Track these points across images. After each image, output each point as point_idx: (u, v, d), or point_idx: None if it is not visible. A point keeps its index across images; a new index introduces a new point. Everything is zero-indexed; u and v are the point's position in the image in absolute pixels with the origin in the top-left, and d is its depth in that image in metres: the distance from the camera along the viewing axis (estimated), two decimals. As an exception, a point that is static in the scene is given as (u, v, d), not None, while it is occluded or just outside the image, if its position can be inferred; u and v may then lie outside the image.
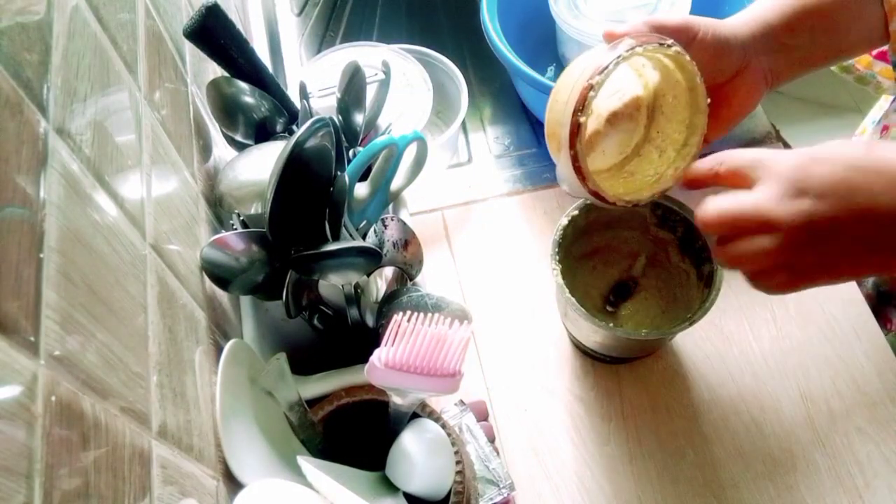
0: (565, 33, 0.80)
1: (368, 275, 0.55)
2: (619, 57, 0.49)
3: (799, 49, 0.58)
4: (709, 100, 0.54)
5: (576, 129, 0.50)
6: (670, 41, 0.51)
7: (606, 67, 0.48)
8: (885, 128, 0.74)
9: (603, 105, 0.59)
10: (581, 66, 0.51)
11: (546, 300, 0.73)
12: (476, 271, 0.76)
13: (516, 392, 0.69)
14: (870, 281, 0.77)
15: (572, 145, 0.50)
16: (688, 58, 0.51)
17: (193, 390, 0.43)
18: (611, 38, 0.52)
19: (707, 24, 0.54)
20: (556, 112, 0.52)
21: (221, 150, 0.62)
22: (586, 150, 0.58)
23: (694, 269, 0.64)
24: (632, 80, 0.58)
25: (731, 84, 0.56)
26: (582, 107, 0.49)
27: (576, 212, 0.62)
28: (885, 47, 0.61)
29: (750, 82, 0.56)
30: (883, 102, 0.82)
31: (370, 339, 0.55)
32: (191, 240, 0.49)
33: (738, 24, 0.56)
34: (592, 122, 0.59)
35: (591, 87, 0.48)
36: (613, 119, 0.59)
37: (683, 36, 0.53)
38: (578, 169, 0.51)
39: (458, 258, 0.77)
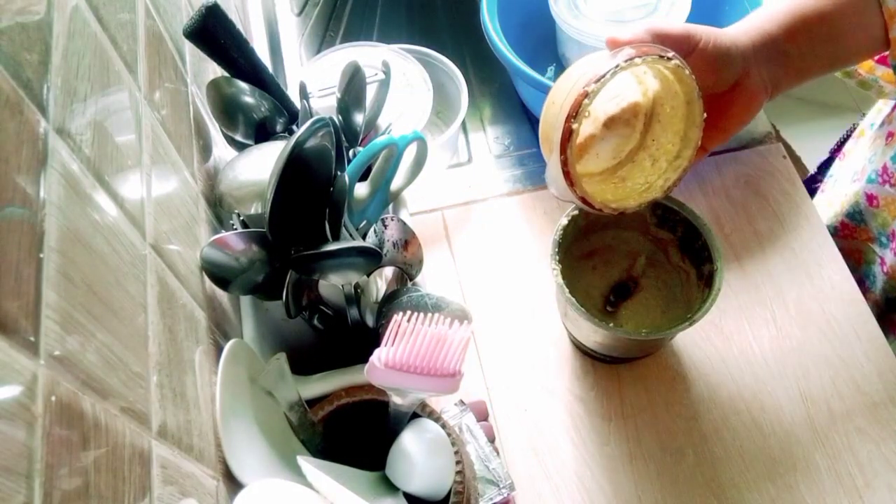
0: (565, 33, 0.80)
1: (368, 275, 0.55)
2: (617, 66, 0.49)
3: (799, 58, 0.58)
4: (705, 115, 0.54)
5: (568, 135, 0.50)
6: (671, 53, 0.50)
7: (604, 76, 0.48)
8: (891, 134, 0.74)
9: (601, 109, 0.59)
10: (579, 72, 0.51)
11: (546, 300, 0.73)
12: (476, 271, 0.76)
13: (516, 392, 0.69)
14: (878, 287, 0.77)
15: (563, 150, 0.50)
16: (688, 72, 0.51)
17: (193, 390, 0.43)
18: (613, 45, 0.51)
19: (708, 34, 0.53)
20: (551, 115, 0.52)
21: (221, 150, 0.62)
22: (582, 153, 0.58)
23: (694, 269, 0.64)
24: (632, 86, 0.58)
25: (730, 94, 0.56)
26: (576, 113, 0.49)
27: (576, 212, 0.62)
28: (887, 53, 0.61)
29: (749, 92, 0.56)
30: (882, 106, 0.82)
31: (370, 339, 0.55)
32: (191, 240, 0.49)
33: (739, 33, 0.56)
34: (589, 126, 0.59)
35: (586, 95, 0.48)
36: (610, 123, 0.59)
37: (685, 45, 0.52)
38: (567, 174, 0.51)
39: (458, 258, 0.77)
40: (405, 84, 0.75)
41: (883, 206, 0.75)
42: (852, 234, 0.80)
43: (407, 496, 0.49)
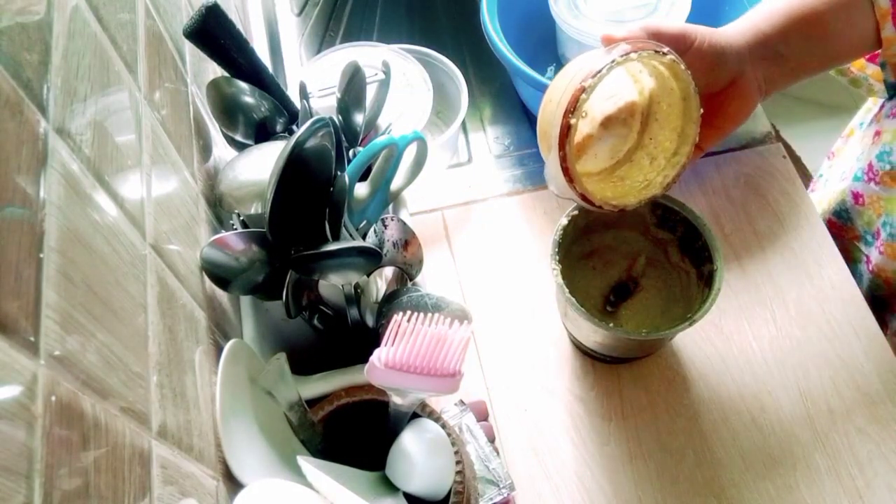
0: (565, 33, 0.80)
1: (368, 275, 0.55)
2: (613, 61, 0.49)
3: (793, 57, 0.59)
4: (702, 110, 0.54)
5: (566, 131, 0.50)
6: (666, 49, 0.51)
7: (600, 71, 0.49)
8: (878, 133, 0.74)
9: (598, 108, 0.59)
10: (575, 69, 0.51)
11: (546, 300, 0.73)
12: (476, 271, 0.76)
13: (516, 392, 0.69)
14: (864, 286, 0.77)
15: (562, 146, 0.50)
16: (683, 67, 0.51)
17: (193, 390, 0.43)
18: (608, 42, 0.52)
19: (704, 33, 0.54)
20: (549, 113, 0.52)
21: (221, 150, 0.62)
22: (579, 153, 0.59)
23: (694, 269, 0.64)
24: (628, 86, 0.58)
25: (725, 93, 0.56)
26: (573, 108, 0.49)
27: (576, 212, 0.62)
28: (879, 51, 0.61)
29: (744, 92, 0.56)
30: (871, 105, 0.82)
31: (370, 339, 0.55)
32: (191, 240, 0.49)
33: (734, 33, 0.56)
34: (586, 126, 0.59)
35: (583, 90, 0.49)
36: (607, 123, 0.59)
37: (680, 44, 0.53)
38: (566, 170, 0.51)
39: (458, 258, 0.77)
40: (405, 84, 0.75)
41: (868, 205, 0.75)
42: (839, 233, 0.81)
43: (407, 496, 0.49)
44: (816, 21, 0.58)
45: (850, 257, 0.80)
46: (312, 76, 0.74)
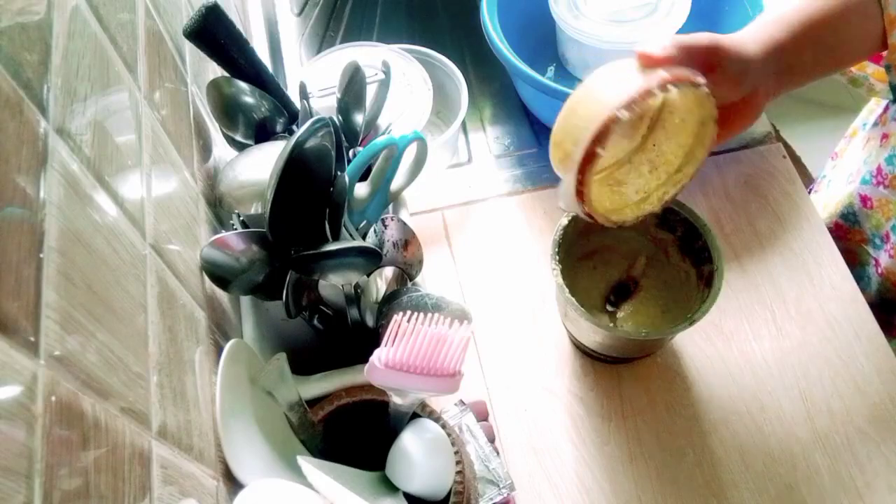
0: (565, 33, 0.80)
1: (368, 275, 0.55)
2: (649, 93, 0.46)
3: (801, 66, 0.58)
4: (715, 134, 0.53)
5: (591, 159, 0.48)
6: (701, 80, 0.48)
7: (635, 102, 0.46)
8: (885, 136, 0.74)
9: None
10: (605, 83, 0.49)
11: (546, 300, 0.73)
12: (476, 271, 0.76)
13: (516, 392, 0.69)
14: (872, 289, 0.77)
15: (582, 171, 0.49)
16: (713, 100, 0.50)
17: (193, 390, 0.43)
18: (646, 62, 0.49)
19: (730, 48, 0.51)
20: (572, 126, 0.50)
21: (221, 150, 0.62)
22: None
23: (694, 269, 0.64)
24: None
25: (735, 104, 0.56)
26: (603, 139, 0.46)
27: (576, 212, 0.62)
28: (883, 53, 0.61)
29: (754, 104, 0.56)
30: (873, 106, 0.82)
31: (370, 339, 0.55)
32: (191, 240, 0.49)
33: (753, 45, 0.55)
34: None
35: (616, 120, 0.46)
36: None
37: (712, 58, 0.50)
38: (581, 194, 0.50)
39: (458, 258, 0.77)
40: (405, 84, 0.75)
41: (877, 208, 0.75)
42: (846, 236, 0.81)
43: (407, 496, 0.49)
44: (827, 28, 0.58)
45: (858, 260, 0.80)
46: (312, 76, 0.74)
